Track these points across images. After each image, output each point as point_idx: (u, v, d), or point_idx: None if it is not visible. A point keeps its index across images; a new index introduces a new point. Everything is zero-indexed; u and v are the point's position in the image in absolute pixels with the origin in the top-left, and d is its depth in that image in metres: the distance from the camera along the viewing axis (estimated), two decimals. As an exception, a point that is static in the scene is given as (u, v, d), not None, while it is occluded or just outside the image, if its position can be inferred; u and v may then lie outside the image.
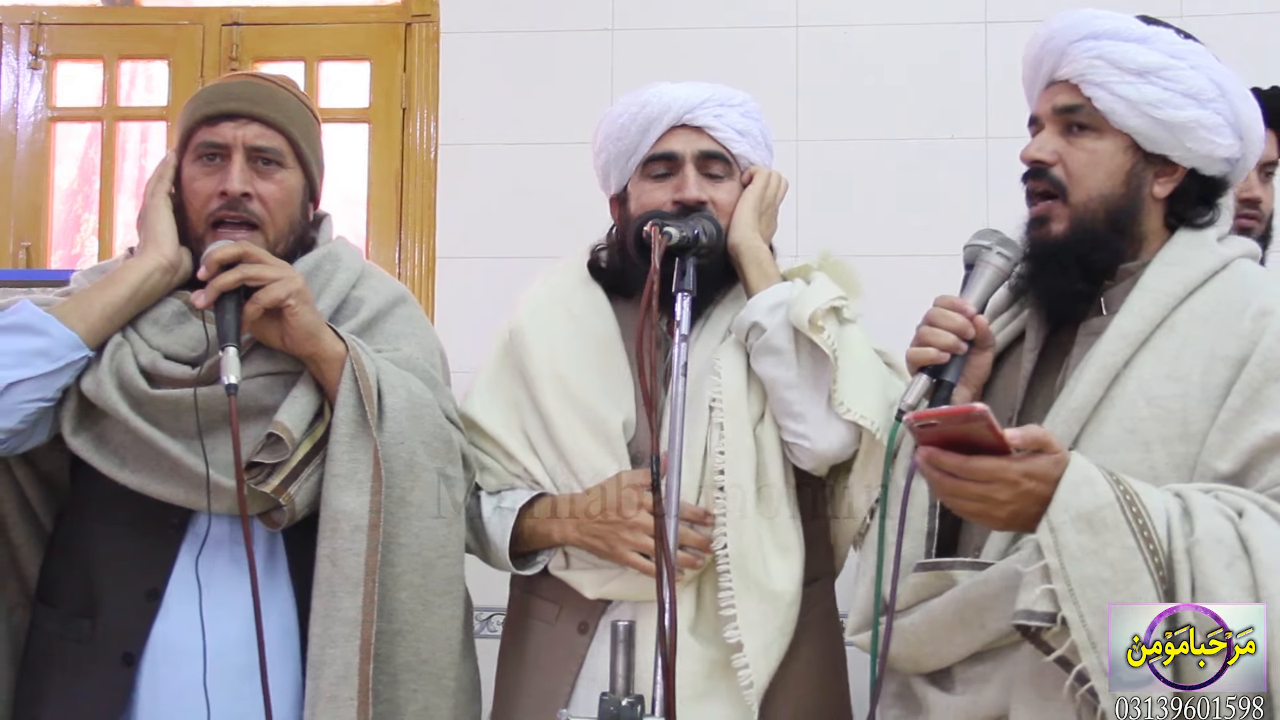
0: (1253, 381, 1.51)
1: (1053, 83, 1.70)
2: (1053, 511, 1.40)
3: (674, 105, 1.93)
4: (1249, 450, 1.49)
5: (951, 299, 1.66)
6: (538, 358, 1.95)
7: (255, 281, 1.76)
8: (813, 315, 1.79)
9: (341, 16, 3.35)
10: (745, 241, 1.91)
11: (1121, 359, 1.58)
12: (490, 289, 2.99)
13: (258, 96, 1.89)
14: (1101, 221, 1.64)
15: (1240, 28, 2.98)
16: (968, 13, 3.11)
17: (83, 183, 3.41)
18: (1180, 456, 1.52)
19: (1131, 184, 1.66)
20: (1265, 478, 1.47)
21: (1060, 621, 1.38)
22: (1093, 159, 1.65)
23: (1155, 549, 1.39)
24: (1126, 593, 1.37)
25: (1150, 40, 1.66)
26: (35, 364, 1.73)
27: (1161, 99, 1.62)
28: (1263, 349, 1.52)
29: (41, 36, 3.31)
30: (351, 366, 1.80)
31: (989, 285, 1.68)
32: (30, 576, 1.91)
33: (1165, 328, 1.59)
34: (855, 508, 1.85)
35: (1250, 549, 1.39)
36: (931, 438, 1.42)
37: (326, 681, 1.73)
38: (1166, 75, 1.63)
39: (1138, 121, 1.63)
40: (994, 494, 1.41)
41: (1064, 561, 1.38)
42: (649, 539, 1.80)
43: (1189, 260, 1.63)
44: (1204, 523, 1.41)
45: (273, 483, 1.76)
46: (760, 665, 1.80)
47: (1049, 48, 1.70)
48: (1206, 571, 1.38)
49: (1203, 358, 1.55)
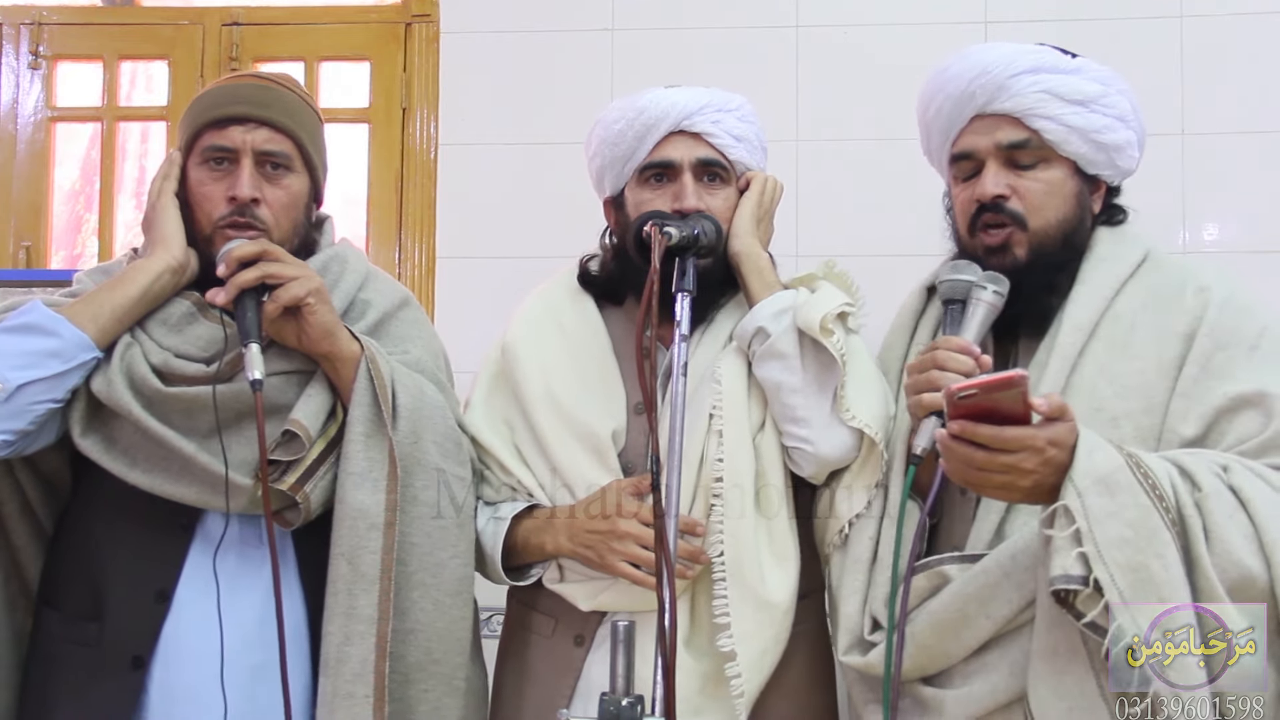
0: (1205, 350, 1.63)
1: (985, 115, 1.76)
2: (1076, 476, 1.46)
3: (671, 111, 1.92)
4: (1212, 412, 1.60)
5: (958, 341, 1.67)
6: (529, 373, 1.95)
7: (274, 279, 1.76)
8: (823, 319, 1.79)
9: (341, 16, 3.35)
10: (746, 249, 1.92)
11: (1077, 349, 1.69)
12: (490, 289, 2.99)
13: (266, 100, 1.89)
14: (1058, 244, 1.75)
15: (1240, 28, 2.98)
16: (968, 13, 3.11)
17: (83, 183, 3.41)
18: (1145, 428, 1.62)
19: (1081, 205, 1.79)
20: (1230, 436, 1.59)
21: (1093, 584, 1.42)
22: (1048, 189, 1.75)
23: (1168, 506, 1.46)
24: (1150, 550, 1.43)
25: (1082, 70, 1.77)
26: (46, 365, 1.72)
27: (1103, 125, 1.75)
28: (1209, 321, 1.65)
29: (41, 36, 3.31)
30: (367, 366, 1.80)
31: (984, 323, 1.71)
32: (32, 579, 1.91)
33: (1109, 317, 1.70)
34: (838, 510, 1.84)
35: (1244, 499, 1.49)
36: (962, 410, 1.44)
37: (343, 679, 1.73)
38: (1103, 102, 1.76)
39: (1084, 148, 1.75)
40: (1021, 463, 1.46)
41: (1091, 524, 1.43)
42: (638, 549, 1.80)
43: (1117, 255, 1.76)
44: (1204, 479, 1.49)
45: (289, 480, 1.77)
46: (752, 675, 1.80)
47: (982, 82, 1.75)
48: (1219, 522, 1.47)
49: (1154, 335, 1.67)
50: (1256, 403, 1.58)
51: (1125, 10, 3.02)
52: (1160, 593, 1.43)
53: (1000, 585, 1.59)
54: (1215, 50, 2.99)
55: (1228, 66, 3.00)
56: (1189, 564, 1.46)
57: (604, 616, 1.89)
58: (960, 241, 1.83)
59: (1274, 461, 1.55)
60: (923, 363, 1.67)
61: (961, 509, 1.72)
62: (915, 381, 1.66)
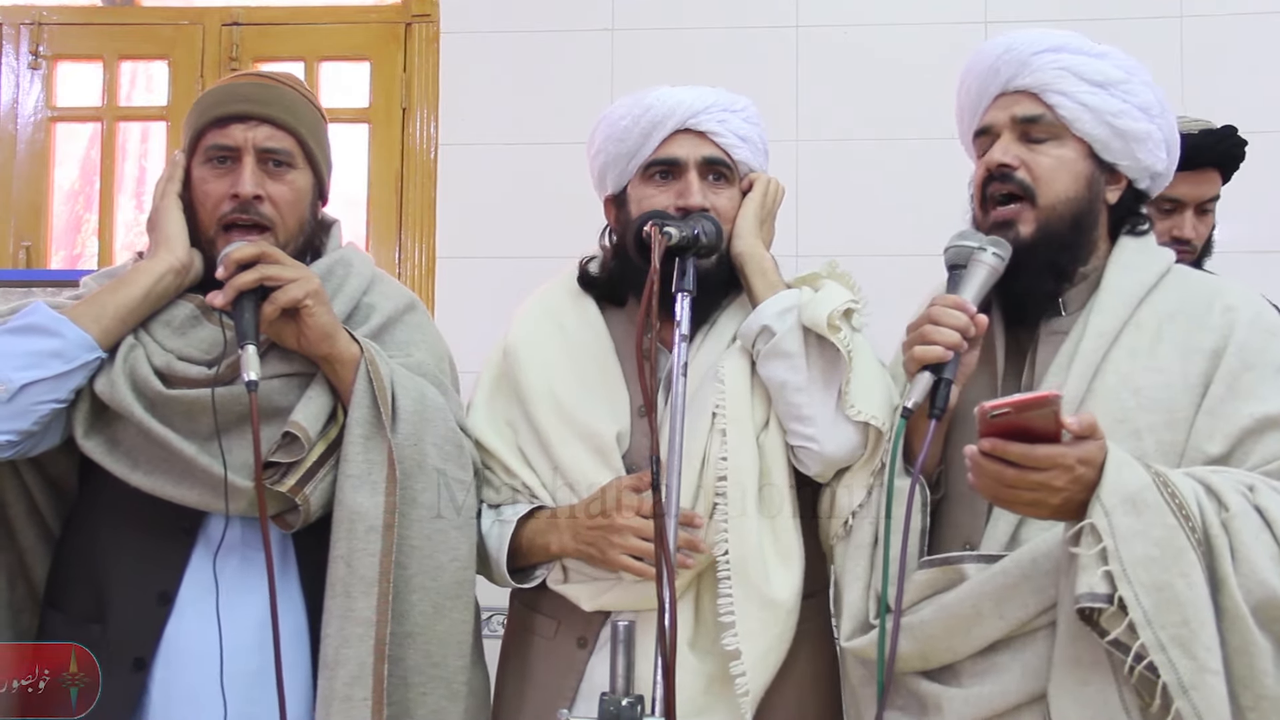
0: (1232, 369, 1.63)
1: (1007, 93, 1.77)
2: (1104, 494, 1.46)
3: (678, 109, 1.93)
4: (1238, 432, 1.59)
5: (953, 298, 1.67)
6: (531, 375, 1.95)
7: (273, 282, 1.76)
8: (829, 316, 1.79)
9: (341, 16, 3.36)
10: (750, 250, 1.92)
11: (1100, 355, 1.67)
12: (490, 289, 3.00)
13: (267, 98, 1.89)
14: (1067, 224, 1.73)
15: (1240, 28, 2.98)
16: (968, 13, 3.12)
17: (83, 183, 3.41)
18: (1168, 443, 1.61)
19: (1093, 188, 1.75)
20: (1255, 456, 1.58)
21: (1117, 602, 1.43)
22: (1058, 163, 1.73)
23: (1194, 526, 1.46)
24: (1175, 569, 1.44)
25: (1106, 56, 1.76)
26: (49, 365, 1.72)
27: (1121, 109, 1.73)
28: (1236, 340, 1.64)
29: (41, 36, 3.32)
30: (366, 368, 1.80)
31: (984, 284, 1.70)
32: (38, 581, 1.91)
33: (1132, 325, 1.69)
34: (839, 507, 1.85)
35: (1270, 520, 1.49)
36: (994, 428, 1.44)
37: (340, 682, 1.73)
38: (1124, 88, 1.74)
39: (1098, 130, 1.73)
40: (1052, 481, 1.46)
41: (1118, 543, 1.44)
42: (638, 541, 1.80)
43: (1142, 264, 1.75)
44: (1231, 499, 1.49)
45: (289, 482, 1.76)
46: (757, 673, 1.80)
47: (1006, 59, 1.76)
48: (1246, 542, 1.47)
49: (1179, 349, 1.66)
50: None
51: (1125, 10, 3.03)
52: (1184, 612, 1.43)
53: (1018, 587, 1.59)
54: (1215, 50, 3.00)
55: (1228, 66, 3.00)
56: (1214, 584, 1.46)
57: (607, 618, 1.89)
58: (975, 221, 1.82)
59: None
60: (918, 320, 1.68)
61: (975, 502, 1.71)
62: (910, 339, 1.68)
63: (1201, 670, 1.42)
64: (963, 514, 1.74)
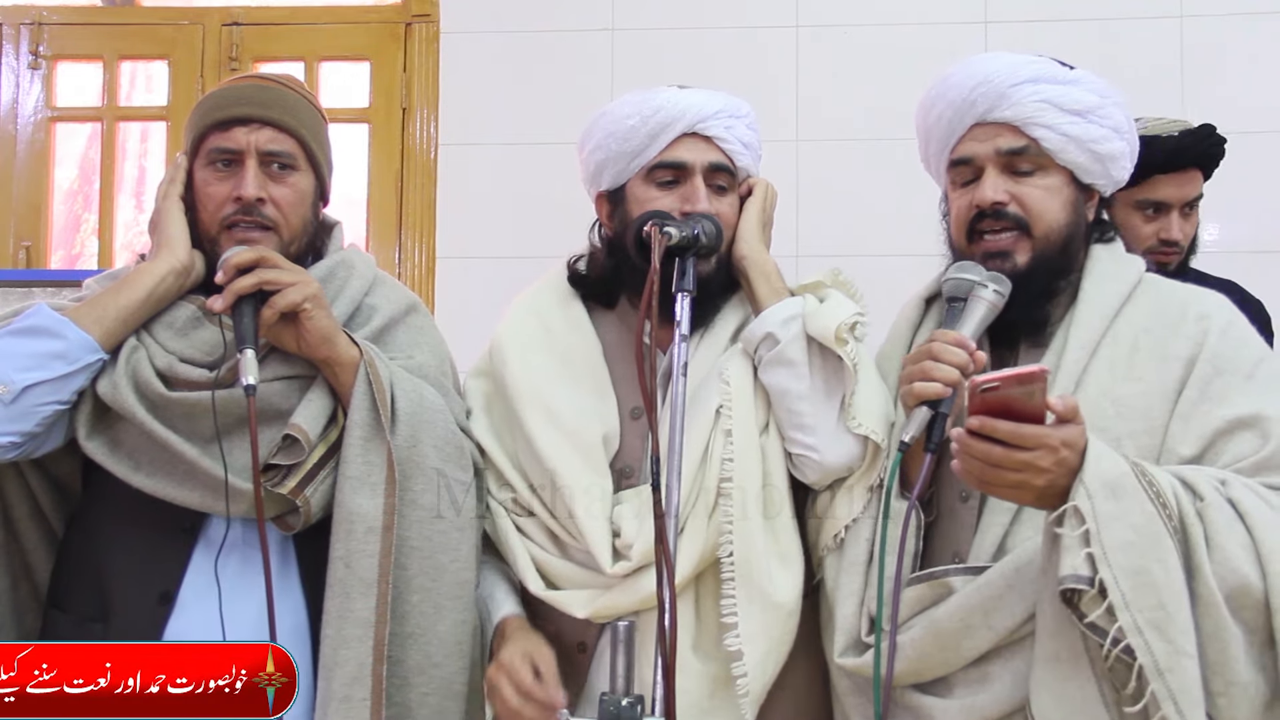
0: (1204, 375, 1.68)
1: (985, 124, 1.78)
2: (1087, 478, 1.49)
3: (687, 113, 1.92)
4: (1210, 434, 1.64)
5: (954, 335, 1.69)
6: (517, 376, 1.95)
7: (272, 286, 1.76)
8: (838, 329, 1.80)
9: (341, 16, 3.36)
10: (753, 254, 1.92)
11: (1081, 368, 1.72)
12: (490, 289, 2.99)
13: (269, 100, 1.89)
14: (1058, 250, 1.77)
15: (1240, 28, 2.99)
16: (968, 13, 3.12)
17: (83, 183, 3.42)
18: (1146, 447, 1.65)
19: (1077, 211, 1.80)
20: (1226, 455, 1.62)
21: (1097, 585, 1.45)
22: (1047, 194, 1.77)
23: (1170, 514, 1.50)
24: (1153, 554, 1.47)
25: (1080, 82, 1.79)
26: (51, 366, 1.73)
27: (1100, 135, 1.78)
28: (1209, 347, 1.69)
29: (41, 36, 3.32)
30: (366, 371, 1.80)
31: (983, 320, 1.72)
32: (42, 581, 1.91)
33: (1110, 337, 1.74)
34: (837, 512, 1.84)
35: (1242, 512, 1.53)
36: (981, 406, 1.47)
37: (339, 682, 1.73)
38: (1100, 113, 1.78)
39: (1080, 157, 1.77)
40: (1037, 461, 1.48)
41: (1099, 526, 1.46)
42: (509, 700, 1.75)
43: (1116, 274, 1.80)
44: (1205, 490, 1.53)
45: (289, 484, 1.77)
46: (758, 675, 1.80)
47: (984, 91, 1.77)
48: (1220, 530, 1.51)
49: (1155, 358, 1.71)
50: (1252, 424, 1.63)
51: (1125, 10, 3.03)
52: (1160, 596, 1.45)
53: (1004, 597, 1.61)
54: (1215, 50, 3.00)
55: (1228, 66, 3.00)
56: (1189, 571, 1.49)
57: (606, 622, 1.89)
58: (954, 248, 1.84)
59: (1269, 480, 1.58)
60: (918, 354, 1.69)
61: (963, 515, 1.73)
62: (909, 372, 1.69)
63: (1177, 653, 1.44)
64: (951, 526, 1.75)
